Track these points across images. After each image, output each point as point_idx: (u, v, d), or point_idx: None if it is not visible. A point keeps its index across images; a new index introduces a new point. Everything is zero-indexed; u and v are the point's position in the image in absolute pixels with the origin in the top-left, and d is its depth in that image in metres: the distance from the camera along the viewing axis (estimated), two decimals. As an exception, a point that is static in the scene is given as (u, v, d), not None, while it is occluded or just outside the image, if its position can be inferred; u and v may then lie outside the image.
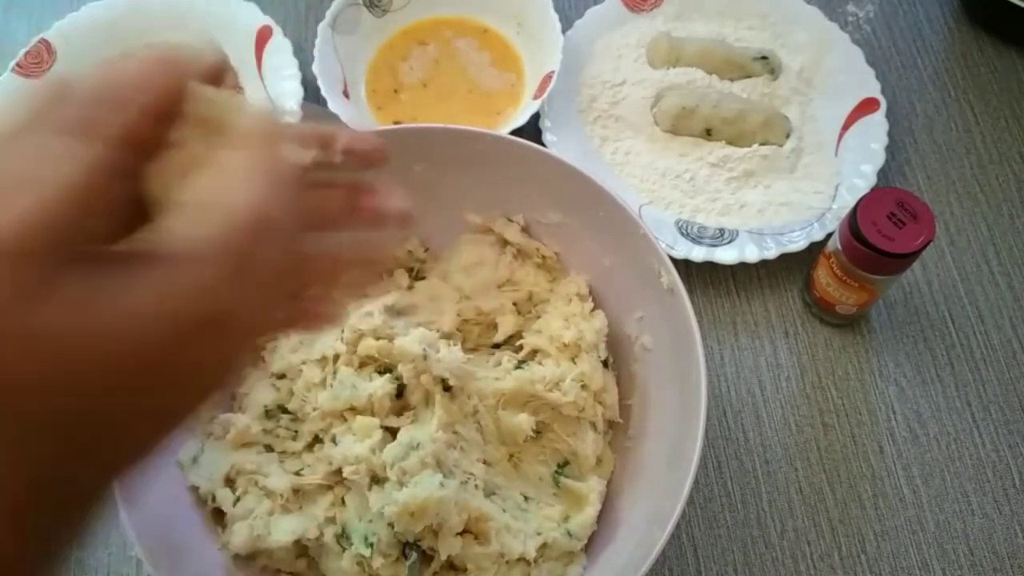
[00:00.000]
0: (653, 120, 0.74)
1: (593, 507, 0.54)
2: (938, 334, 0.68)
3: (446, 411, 0.53)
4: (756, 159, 0.71)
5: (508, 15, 0.79)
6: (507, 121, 0.72)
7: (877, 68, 0.75)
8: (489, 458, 0.55)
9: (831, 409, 0.65)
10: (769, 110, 0.73)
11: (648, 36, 0.78)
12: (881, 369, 0.66)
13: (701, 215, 0.70)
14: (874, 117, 0.73)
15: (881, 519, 0.61)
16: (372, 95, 0.77)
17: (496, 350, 0.60)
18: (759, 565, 0.60)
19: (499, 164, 0.58)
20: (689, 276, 0.69)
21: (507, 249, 0.62)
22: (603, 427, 0.58)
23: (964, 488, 0.62)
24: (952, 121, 0.77)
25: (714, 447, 0.63)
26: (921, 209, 0.57)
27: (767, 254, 0.67)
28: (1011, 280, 0.70)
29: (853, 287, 0.61)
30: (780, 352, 0.67)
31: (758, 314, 0.69)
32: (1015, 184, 0.74)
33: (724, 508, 0.61)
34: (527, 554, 0.51)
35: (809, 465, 0.63)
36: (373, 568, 0.51)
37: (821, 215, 0.69)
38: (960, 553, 0.60)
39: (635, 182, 0.72)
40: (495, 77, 0.78)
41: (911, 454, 0.63)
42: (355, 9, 0.77)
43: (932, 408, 0.65)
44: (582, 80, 0.76)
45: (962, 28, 0.82)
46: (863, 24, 0.82)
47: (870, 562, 0.60)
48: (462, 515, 0.50)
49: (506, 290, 0.62)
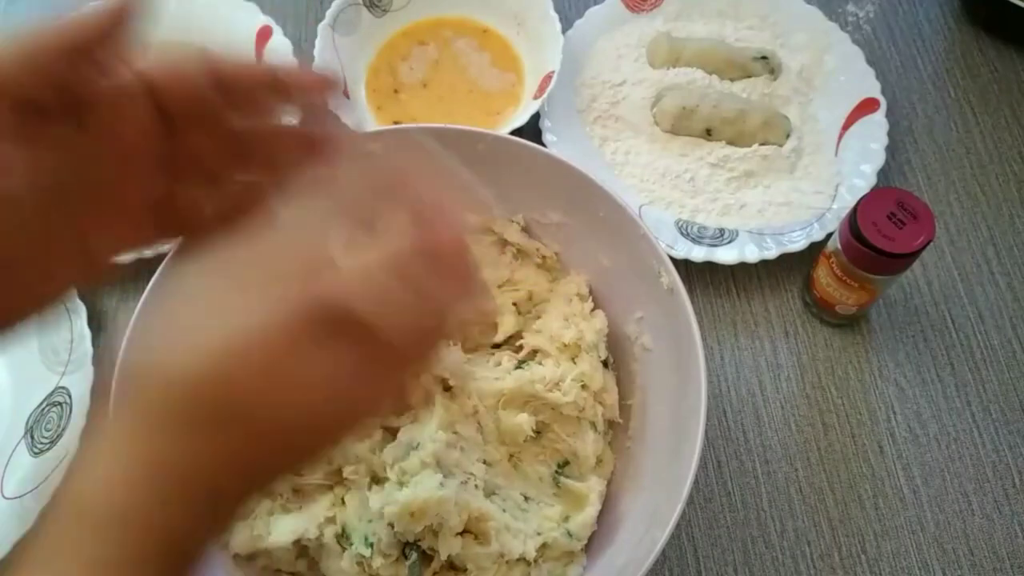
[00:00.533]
0: (653, 120, 0.74)
1: (593, 507, 0.54)
2: (938, 334, 0.68)
3: (446, 411, 0.53)
4: (756, 159, 0.71)
5: (508, 15, 0.79)
6: (507, 121, 0.72)
7: (877, 68, 0.75)
8: (489, 458, 0.55)
9: (831, 409, 0.65)
10: (769, 110, 0.73)
11: (648, 36, 0.78)
12: (881, 369, 0.66)
13: (701, 215, 0.70)
14: (874, 117, 0.73)
15: (881, 519, 0.61)
16: (372, 95, 0.77)
17: (496, 350, 0.60)
18: (759, 565, 0.60)
19: (499, 164, 0.58)
20: (689, 276, 0.69)
21: (507, 249, 0.62)
22: (603, 427, 0.58)
23: (964, 488, 0.62)
24: (952, 121, 0.77)
25: (714, 447, 0.63)
26: (921, 209, 0.57)
27: (767, 254, 0.67)
28: (1011, 280, 0.70)
29: (853, 287, 0.61)
30: (780, 352, 0.67)
31: (758, 314, 0.69)
32: (1015, 184, 0.74)
33: (724, 508, 0.61)
34: (527, 554, 0.51)
35: (809, 465, 0.63)
36: (373, 568, 0.51)
37: (821, 215, 0.69)
38: (960, 553, 0.60)
39: (635, 182, 0.72)
40: (495, 77, 0.78)
41: (911, 454, 0.63)
42: (355, 9, 0.77)
43: (932, 408, 0.65)
44: (582, 80, 0.76)
45: (962, 28, 0.82)
46: (863, 24, 0.82)
47: (870, 562, 0.60)
48: (462, 515, 0.50)
49: (506, 290, 0.62)
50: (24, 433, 0.61)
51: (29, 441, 0.61)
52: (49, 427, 0.61)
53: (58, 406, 0.61)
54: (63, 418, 0.60)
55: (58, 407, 0.61)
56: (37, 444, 0.61)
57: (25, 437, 0.61)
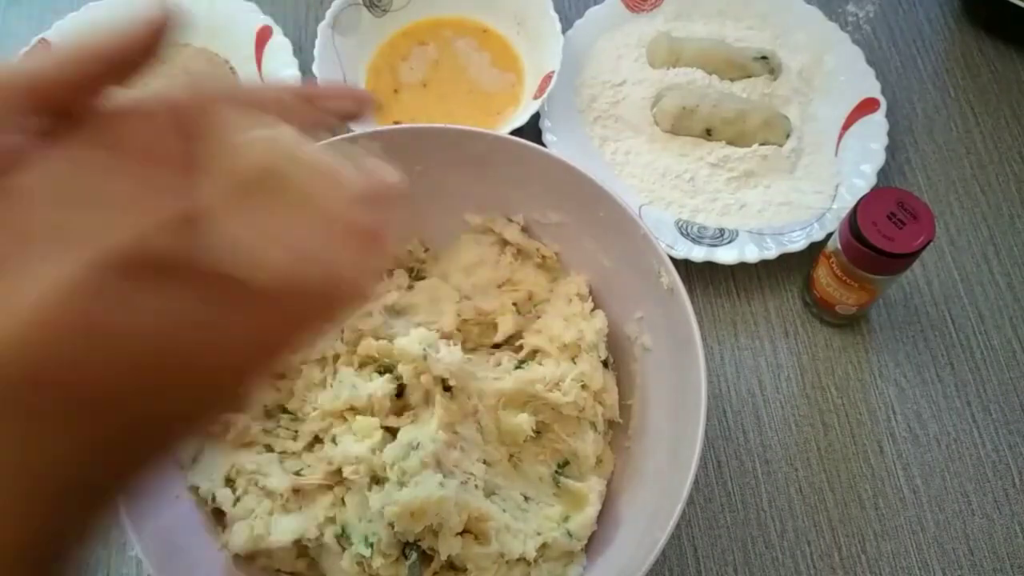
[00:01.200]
0: (653, 120, 0.74)
1: (593, 507, 0.54)
2: (938, 334, 0.68)
3: (446, 411, 0.53)
4: (756, 159, 0.71)
5: (508, 15, 0.79)
6: (507, 121, 0.72)
7: (877, 68, 0.75)
8: (489, 458, 0.55)
9: (831, 409, 0.65)
10: (769, 110, 0.73)
11: (648, 36, 0.78)
12: (881, 369, 0.66)
13: (701, 215, 0.70)
14: (874, 117, 0.73)
15: (881, 519, 0.61)
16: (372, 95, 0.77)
17: (496, 350, 0.60)
18: (759, 565, 0.60)
19: (499, 164, 0.58)
20: (689, 276, 0.69)
21: (507, 249, 0.62)
22: (603, 427, 0.58)
23: (964, 488, 0.62)
24: (952, 121, 0.77)
25: (714, 447, 0.63)
26: (921, 209, 0.57)
27: (767, 254, 0.67)
28: (1011, 280, 0.70)
29: (853, 287, 0.61)
30: (780, 352, 0.67)
31: (758, 314, 0.69)
32: (1015, 184, 0.74)
33: (724, 508, 0.61)
34: (527, 554, 0.51)
35: (809, 465, 0.63)
36: (373, 568, 0.51)
37: (821, 215, 0.69)
38: (960, 553, 0.60)
39: (635, 182, 0.72)
40: (495, 77, 0.78)
41: (911, 454, 0.63)
42: (355, 9, 0.77)
43: (932, 408, 0.65)
44: (582, 80, 0.76)
45: (962, 28, 0.82)
46: (863, 24, 0.82)
47: (870, 562, 0.60)
48: (462, 515, 0.50)
49: (506, 290, 0.62)
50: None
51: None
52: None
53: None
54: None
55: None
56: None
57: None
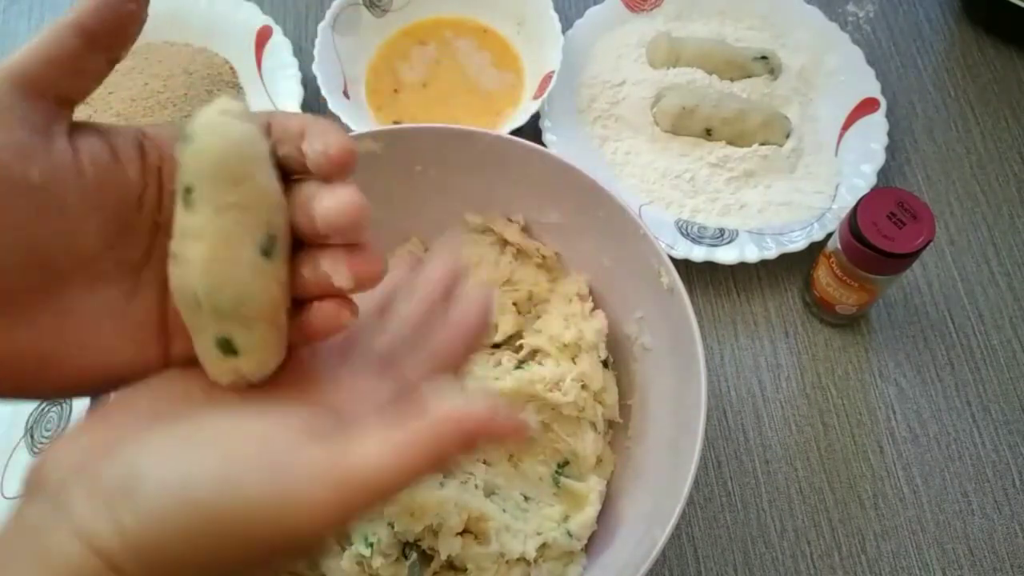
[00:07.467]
0: (653, 120, 0.74)
1: (593, 507, 0.54)
2: (938, 334, 0.68)
3: (446, 411, 0.53)
4: (756, 159, 0.71)
5: (508, 15, 0.79)
6: (507, 121, 0.72)
7: (877, 68, 0.75)
8: (489, 458, 0.55)
9: (831, 409, 0.65)
10: (769, 110, 0.73)
11: (648, 36, 0.78)
12: (881, 369, 0.66)
13: (701, 215, 0.70)
14: (874, 117, 0.73)
15: (881, 519, 0.61)
16: (372, 95, 0.77)
17: (496, 350, 0.60)
18: (759, 565, 0.60)
19: (499, 164, 0.58)
20: (689, 276, 0.69)
21: (507, 249, 0.62)
22: (603, 427, 0.58)
23: (964, 488, 0.62)
24: (952, 121, 0.77)
25: (714, 447, 0.63)
26: (921, 209, 0.57)
27: (767, 254, 0.67)
28: (1011, 280, 0.70)
29: (853, 287, 0.61)
30: (780, 352, 0.67)
31: (758, 314, 0.69)
32: (1015, 184, 0.74)
33: (724, 508, 0.61)
34: (527, 554, 0.51)
35: (809, 465, 0.63)
36: (373, 568, 0.51)
37: (821, 215, 0.69)
38: (960, 553, 0.60)
39: (635, 182, 0.72)
40: (495, 77, 0.78)
41: (911, 454, 0.63)
42: (355, 9, 0.77)
43: (932, 408, 0.65)
44: (582, 80, 0.76)
45: (962, 28, 0.82)
46: (863, 24, 0.82)
47: (870, 562, 0.60)
48: (462, 515, 0.50)
49: (506, 290, 0.62)
50: (24, 433, 0.61)
51: (29, 441, 0.61)
52: (49, 427, 0.61)
53: (58, 406, 0.61)
54: (63, 418, 0.61)
55: (58, 407, 0.61)
56: (37, 444, 0.61)
57: (25, 437, 0.61)
